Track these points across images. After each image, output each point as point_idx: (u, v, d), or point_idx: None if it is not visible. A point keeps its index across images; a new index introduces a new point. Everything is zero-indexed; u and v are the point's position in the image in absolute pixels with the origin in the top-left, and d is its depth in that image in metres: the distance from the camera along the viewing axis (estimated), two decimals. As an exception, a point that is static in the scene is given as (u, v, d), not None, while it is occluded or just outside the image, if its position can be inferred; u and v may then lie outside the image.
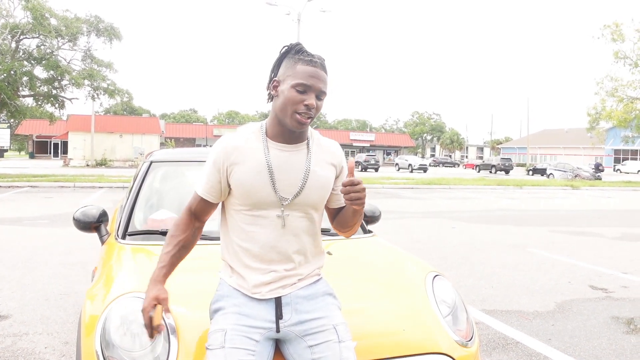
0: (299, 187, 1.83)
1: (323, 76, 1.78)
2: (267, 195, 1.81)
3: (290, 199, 1.83)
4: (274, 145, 1.84)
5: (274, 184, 1.81)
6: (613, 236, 10.39)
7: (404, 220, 12.18)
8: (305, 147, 1.88)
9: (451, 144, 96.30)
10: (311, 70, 1.75)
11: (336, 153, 1.95)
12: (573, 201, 19.41)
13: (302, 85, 1.74)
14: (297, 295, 1.88)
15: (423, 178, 31.99)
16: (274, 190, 1.81)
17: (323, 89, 1.78)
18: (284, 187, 1.82)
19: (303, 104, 1.74)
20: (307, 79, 1.74)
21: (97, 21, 28.21)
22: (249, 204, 1.83)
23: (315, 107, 1.76)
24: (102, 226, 3.27)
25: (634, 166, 59.81)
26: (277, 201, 1.82)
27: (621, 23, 34.27)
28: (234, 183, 1.82)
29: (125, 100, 33.14)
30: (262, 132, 1.86)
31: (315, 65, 1.76)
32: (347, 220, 1.90)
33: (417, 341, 2.14)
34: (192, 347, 1.94)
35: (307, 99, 1.74)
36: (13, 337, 4.15)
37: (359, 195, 1.69)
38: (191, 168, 3.85)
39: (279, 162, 1.82)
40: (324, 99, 1.81)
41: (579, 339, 4.37)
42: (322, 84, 1.77)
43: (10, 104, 25.22)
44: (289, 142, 1.85)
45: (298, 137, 1.86)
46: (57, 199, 15.54)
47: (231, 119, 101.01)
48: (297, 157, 1.85)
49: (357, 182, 1.68)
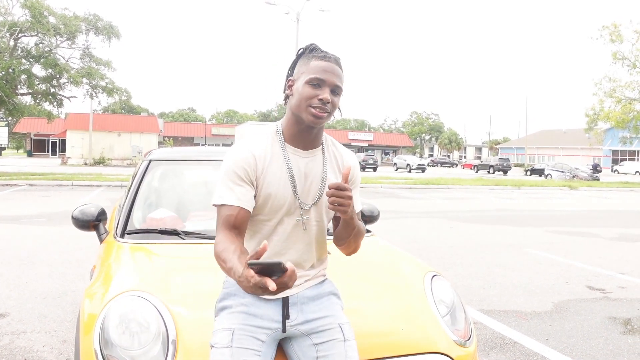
0: (318, 194, 1.84)
1: (337, 71, 1.77)
2: (288, 202, 1.81)
3: (310, 204, 1.84)
4: (292, 151, 1.83)
5: (295, 191, 1.81)
6: (610, 237, 10.41)
7: (402, 220, 12.19)
8: (321, 153, 1.88)
9: (449, 144, 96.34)
10: (325, 64, 1.75)
11: (349, 162, 1.94)
12: (571, 202, 19.44)
13: (316, 79, 1.73)
14: (303, 296, 1.89)
15: (421, 178, 32.00)
16: (295, 197, 1.81)
17: (338, 83, 1.76)
18: (304, 194, 1.83)
19: (317, 98, 1.73)
20: (321, 73, 1.74)
21: (96, 19, 28.19)
22: (266, 210, 1.82)
23: (330, 101, 1.74)
24: (101, 225, 3.27)
25: (631, 167, 59.93)
26: (297, 207, 1.83)
27: (620, 24, 34.31)
28: (260, 193, 1.80)
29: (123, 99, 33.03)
30: (279, 135, 1.85)
31: (329, 60, 1.76)
32: (341, 232, 1.88)
33: (415, 341, 2.15)
34: (190, 346, 1.94)
35: (322, 93, 1.73)
36: (11, 335, 4.15)
37: (341, 201, 1.66)
38: (190, 167, 3.86)
39: (299, 168, 1.82)
40: (340, 95, 1.79)
41: (577, 339, 4.38)
42: (336, 78, 1.76)
43: (9, 102, 25.16)
44: (306, 146, 1.84)
45: (314, 141, 1.85)
46: (55, 197, 15.52)
47: (230, 118, 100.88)
48: (315, 164, 1.85)
49: (343, 188, 1.66)
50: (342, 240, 1.90)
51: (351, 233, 1.85)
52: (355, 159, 1.99)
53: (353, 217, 1.79)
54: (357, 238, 1.91)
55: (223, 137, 66.43)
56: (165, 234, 2.90)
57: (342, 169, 1.92)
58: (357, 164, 1.97)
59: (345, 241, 1.90)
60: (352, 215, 1.77)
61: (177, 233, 2.90)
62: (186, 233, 2.89)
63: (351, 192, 1.68)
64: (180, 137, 65.00)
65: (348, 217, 1.77)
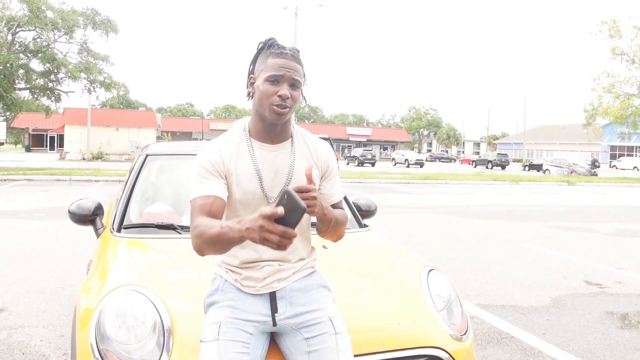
0: (283, 185, 1.85)
1: (294, 66, 1.80)
2: (256, 195, 1.84)
3: (275, 197, 1.85)
4: (258, 146, 1.86)
5: (262, 183, 1.84)
6: (608, 232, 10.42)
7: (399, 214, 12.20)
8: (290, 145, 1.90)
9: (448, 139, 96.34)
10: (282, 61, 1.78)
11: (322, 153, 1.96)
12: (569, 197, 19.46)
13: (274, 76, 1.77)
14: (291, 288, 1.89)
15: (419, 173, 31.99)
16: (262, 190, 1.84)
17: (295, 77, 1.80)
18: (270, 186, 1.85)
19: (277, 94, 1.77)
20: (278, 69, 1.78)
21: (94, 14, 28.15)
22: (239, 204, 1.86)
23: (289, 96, 1.78)
24: (98, 219, 3.27)
25: (629, 162, 59.94)
26: (265, 200, 1.85)
27: (618, 19, 34.28)
28: (230, 190, 1.84)
29: (121, 94, 33.07)
30: (246, 132, 1.89)
31: (285, 56, 1.80)
32: (319, 226, 1.90)
33: (411, 335, 2.15)
34: (187, 340, 1.94)
35: (280, 89, 1.77)
36: (9, 330, 4.15)
37: (308, 202, 1.67)
38: (186, 161, 3.85)
39: (265, 162, 1.85)
40: (300, 88, 1.83)
41: (574, 334, 4.39)
42: (293, 72, 1.79)
43: (7, 96, 25.12)
44: (273, 140, 1.88)
45: (281, 135, 1.88)
46: (53, 192, 15.51)
47: (228, 113, 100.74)
48: (282, 156, 1.88)
49: (305, 190, 1.67)
50: (322, 232, 1.92)
51: (329, 225, 1.87)
52: (328, 148, 2.00)
53: (325, 213, 1.80)
54: (338, 228, 1.92)
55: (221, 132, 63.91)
56: (161, 229, 2.90)
57: (317, 159, 1.93)
58: (331, 153, 1.99)
59: (326, 232, 1.92)
60: (323, 212, 1.78)
61: (174, 227, 2.90)
62: (183, 227, 2.89)
63: (315, 192, 1.69)
64: (178, 132, 64.89)
65: (319, 215, 1.79)
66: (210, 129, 66.49)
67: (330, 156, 1.98)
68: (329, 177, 1.96)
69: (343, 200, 2.07)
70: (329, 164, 1.96)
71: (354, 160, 48.06)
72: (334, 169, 1.99)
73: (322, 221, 1.84)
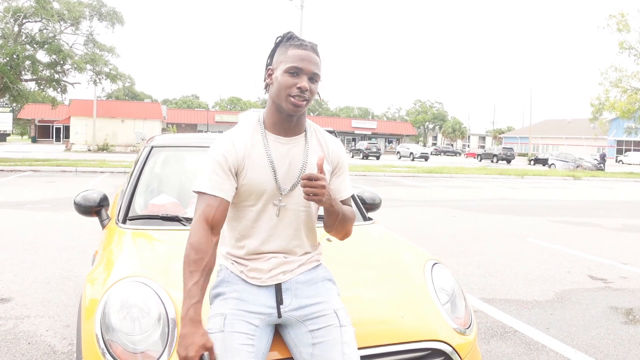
0: (296, 178, 1.86)
1: (314, 59, 1.81)
2: (269, 187, 1.84)
3: (288, 189, 1.86)
4: (273, 138, 1.87)
5: (275, 175, 1.84)
6: (613, 227, 10.39)
7: (404, 208, 12.19)
8: (304, 139, 1.91)
9: (453, 133, 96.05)
10: (302, 53, 1.79)
11: (334, 149, 1.97)
12: (574, 192, 19.39)
13: (294, 68, 1.77)
14: (296, 281, 1.90)
15: (424, 167, 31.93)
16: (275, 181, 1.84)
17: (315, 71, 1.80)
18: (283, 178, 1.85)
19: (296, 86, 1.77)
20: (298, 61, 1.77)
21: (100, 5, 28.13)
22: (251, 197, 1.86)
23: (308, 89, 1.78)
24: (103, 210, 3.27)
25: (636, 157, 59.68)
26: (277, 192, 1.85)
27: (627, 13, 34.04)
28: (242, 182, 1.84)
29: (127, 86, 33.15)
30: (260, 124, 1.89)
31: (305, 48, 1.80)
32: (326, 219, 1.91)
33: (415, 329, 2.15)
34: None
35: (300, 81, 1.77)
36: (15, 319, 4.18)
37: (315, 190, 1.71)
38: (191, 153, 3.85)
39: (278, 154, 1.85)
40: (318, 82, 1.84)
41: (577, 329, 4.38)
42: (313, 66, 1.80)
43: (13, 88, 25.20)
44: (287, 133, 1.88)
45: (295, 128, 1.88)
46: (59, 183, 15.57)
47: (233, 105, 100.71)
48: (296, 150, 1.88)
49: (315, 178, 1.70)
50: (329, 227, 1.93)
51: (336, 219, 1.88)
52: (339, 144, 2.01)
53: (333, 204, 1.81)
54: (345, 224, 1.93)
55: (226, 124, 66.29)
56: (166, 220, 2.91)
57: (328, 155, 1.94)
58: (342, 150, 2.01)
59: (332, 227, 1.93)
60: (330, 203, 1.80)
61: (179, 219, 2.91)
62: (187, 219, 2.89)
63: (324, 181, 1.71)
64: (183, 124, 64.89)
65: (327, 205, 1.80)
66: (216, 121, 66.48)
67: (342, 153, 2.00)
68: (338, 172, 1.98)
69: (351, 198, 2.07)
70: (340, 160, 1.98)
71: (359, 153, 48.01)
72: (344, 165, 2.00)
73: (330, 213, 1.85)
